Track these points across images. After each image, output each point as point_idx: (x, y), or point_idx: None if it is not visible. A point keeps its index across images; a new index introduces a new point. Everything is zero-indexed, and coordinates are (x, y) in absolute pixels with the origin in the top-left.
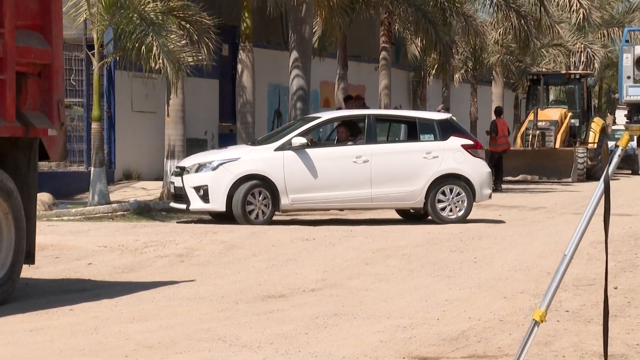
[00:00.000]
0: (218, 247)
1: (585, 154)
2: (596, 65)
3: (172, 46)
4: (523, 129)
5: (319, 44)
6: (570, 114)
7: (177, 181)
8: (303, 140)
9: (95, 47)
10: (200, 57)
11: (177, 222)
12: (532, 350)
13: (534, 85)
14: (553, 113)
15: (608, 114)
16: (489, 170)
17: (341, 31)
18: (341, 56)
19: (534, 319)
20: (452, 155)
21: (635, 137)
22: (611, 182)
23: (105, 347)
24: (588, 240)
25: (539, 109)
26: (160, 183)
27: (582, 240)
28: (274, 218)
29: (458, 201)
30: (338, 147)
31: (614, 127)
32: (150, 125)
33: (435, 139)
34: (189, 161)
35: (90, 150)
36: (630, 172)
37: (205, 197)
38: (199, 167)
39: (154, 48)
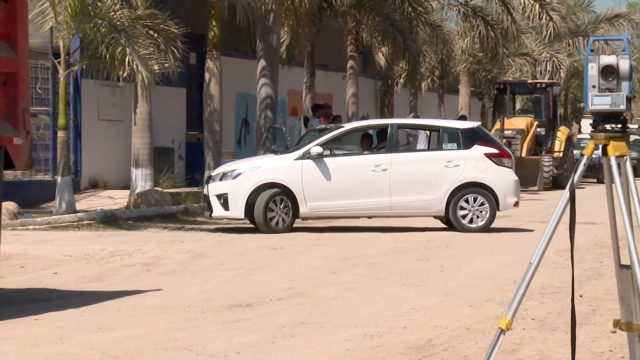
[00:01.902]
0: (185, 256)
1: (551, 163)
2: (562, 74)
3: (144, 52)
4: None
5: (287, 53)
6: (536, 122)
7: (205, 189)
8: (320, 149)
9: (62, 55)
10: (167, 66)
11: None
12: (498, 358)
13: (500, 94)
14: (519, 122)
15: (574, 123)
16: (516, 179)
17: (309, 40)
18: (309, 65)
19: (500, 327)
20: (474, 163)
21: (600, 146)
22: (577, 190)
23: (71, 357)
24: (554, 248)
25: (505, 118)
26: (126, 192)
27: (548, 249)
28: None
29: (481, 210)
30: (357, 156)
31: (579, 136)
32: (116, 133)
33: (459, 148)
34: (217, 170)
35: (56, 158)
36: (595, 180)
37: (225, 205)
38: (223, 176)
39: (127, 55)
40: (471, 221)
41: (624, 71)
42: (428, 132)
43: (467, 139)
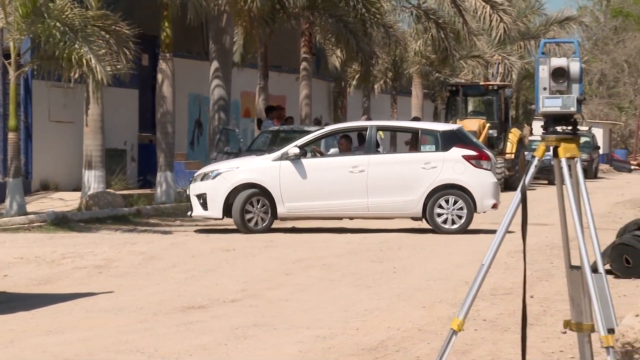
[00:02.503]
0: (137, 258)
1: (503, 165)
2: (514, 76)
3: (99, 52)
4: None
5: (240, 54)
6: (488, 124)
7: (188, 189)
8: (297, 150)
9: (12, 56)
10: (119, 67)
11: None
12: (450, 359)
13: (452, 96)
14: (471, 124)
15: (525, 125)
16: (494, 181)
17: (262, 41)
18: (262, 66)
19: (452, 328)
20: (451, 165)
21: (551, 148)
22: (528, 192)
23: None
24: (505, 249)
25: (457, 120)
26: (78, 194)
27: (499, 250)
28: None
29: (458, 212)
30: (334, 158)
31: (531, 138)
32: (68, 135)
33: (437, 150)
34: (199, 170)
35: (7, 160)
36: (546, 182)
37: (204, 205)
38: (204, 176)
39: (84, 55)
40: (447, 222)
41: (574, 73)
42: (382, 134)
43: (446, 141)
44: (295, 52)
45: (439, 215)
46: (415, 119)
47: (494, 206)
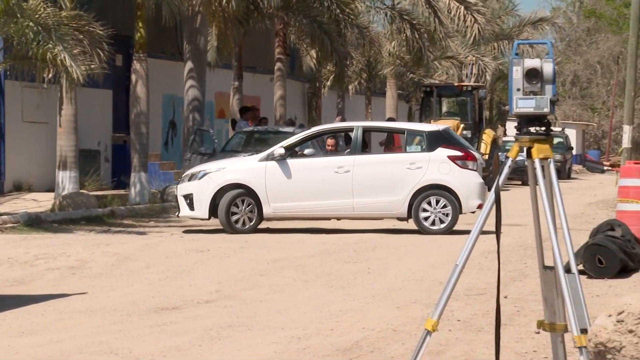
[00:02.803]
0: (111, 259)
1: None
2: (487, 77)
3: (74, 52)
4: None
5: (214, 55)
6: (462, 125)
7: (175, 190)
8: (282, 151)
9: None
10: (93, 67)
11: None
12: (424, 359)
13: (427, 97)
14: (446, 124)
15: (499, 126)
16: (480, 181)
17: (236, 42)
18: (236, 67)
19: (426, 329)
20: (437, 166)
21: (525, 149)
22: (502, 192)
23: None
24: (479, 250)
25: (432, 120)
26: (51, 194)
27: (473, 251)
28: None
29: (443, 212)
30: (320, 158)
31: (504, 139)
32: (41, 136)
33: (423, 150)
34: (188, 171)
35: None
36: (520, 183)
37: (191, 205)
38: (191, 177)
39: (58, 55)
40: (433, 223)
41: (547, 74)
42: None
43: (432, 141)
44: (269, 52)
45: (425, 215)
46: (390, 119)
47: (480, 206)
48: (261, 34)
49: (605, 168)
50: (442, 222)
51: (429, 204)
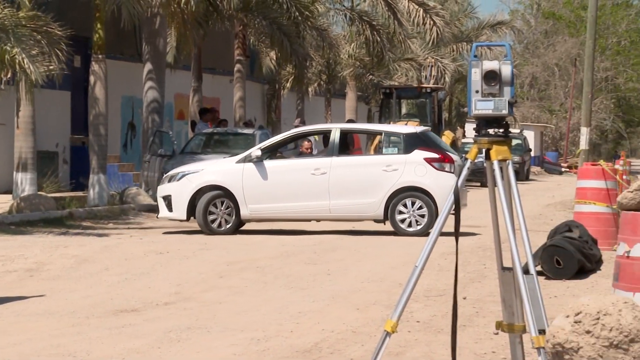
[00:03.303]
0: (69, 261)
1: None
2: (447, 79)
3: (33, 52)
4: (376, 141)
5: (174, 56)
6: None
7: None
8: (258, 152)
9: None
10: (51, 68)
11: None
12: None
13: (386, 99)
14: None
15: (458, 127)
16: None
17: (195, 43)
18: (196, 68)
19: (385, 330)
20: (413, 168)
21: (483, 150)
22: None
23: None
24: (439, 251)
25: (391, 122)
26: (9, 196)
27: (432, 252)
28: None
29: (419, 214)
30: (297, 160)
31: (463, 140)
32: None
33: (399, 152)
34: (168, 173)
35: None
36: (479, 184)
37: (169, 206)
38: (171, 178)
39: (17, 55)
40: (410, 225)
41: (506, 76)
42: (317, 137)
43: (409, 143)
44: (229, 54)
45: (401, 217)
46: (350, 121)
47: None
48: (221, 35)
49: (563, 169)
50: (418, 223)
51: (405, 205)
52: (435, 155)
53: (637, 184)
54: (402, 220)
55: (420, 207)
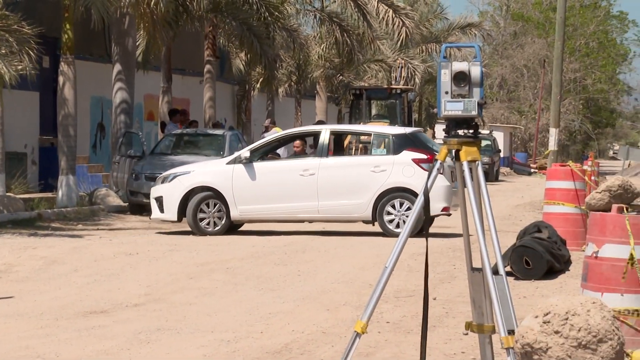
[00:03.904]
0: (38, 263)
1: None
2: (417, 80)
3: (3, 51)
4: (347, 142)
5: (143, 57)
6: None
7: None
8: (247, 154)
9: None
10: (20, 68)
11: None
12: None
13: (356, 100)
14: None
15: (428, 128)
16: (446, 184)
17: (165, 44)
18: (165, 69)
19: (355, 331)
20: (401, 169)
21: (453, 151)
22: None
23: None
24: (409, 252)
25: (361, 123)
26: None
27: (402, 253)
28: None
29: (407, 215)
30: (286, 161)
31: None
32: None
33: (388, 153)
34: (162, 174)
35: None
36: None
37: (161, 207)
38: (163, 180)
39: None
40: (398, 226)
41: (475, 77)
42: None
43: (397, 144)
44: (199, 55)
45: (389, 218)
46: (320, 122)
47: (444, 209)
48: (190, 36)
49: (532, 170)
50: (399, 226)
51: (394, 206)
52: (423, 156)
53: (605, 184)
54: (391, 221)
55: (409, 208)
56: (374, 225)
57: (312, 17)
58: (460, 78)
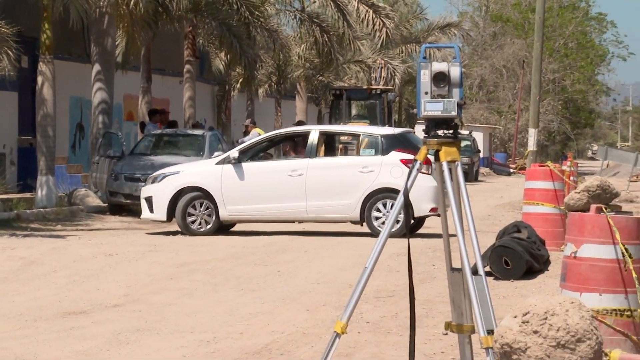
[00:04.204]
0: (17, 264)
1: None
2: (396, 80)
3: None
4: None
5: (122, 57)
6: None
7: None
8: (236, 154)
9: None
10: (0, 67)
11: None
12: None
13: (336, 100)
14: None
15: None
16: (433, 185)
17: (144, 44)
18: (145, 69)
19: (335, 331)
20: (389, 169)
21: (433, 151)
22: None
23: None
24: (389, 252)
25: (341, 123)
26: None
27: (382, 253)
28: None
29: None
30: (275, 161)
31: None
32: None
33: (377, 154)
34: (153, 174)
35: None
36: None
37: (151, 207)
38: (153, 180)
39: None
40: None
41: (455, 78)
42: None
43: (386, 145)
44: (178, 55)
45: (377, 219)
46: (300, 122)
47: (433, 210)
48: (170, 36)
49: (512, 170)
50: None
51: (382, 207)
52: (412, 157)
53: (584, 184)
54: (378, 222)
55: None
56: (362, 225)
57: (292, 18)
58: (440, 78)
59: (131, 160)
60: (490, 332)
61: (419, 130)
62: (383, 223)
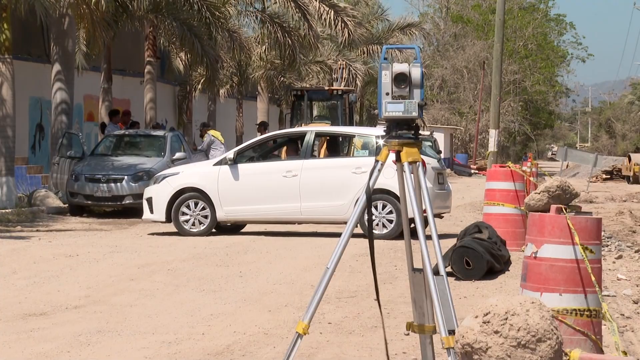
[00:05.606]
0: None
1: None
2: (358, 81)
3: None
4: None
5: (83, 58)
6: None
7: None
8: (232, 155)
9: None
10: None
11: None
12: None
13: (298, 101)
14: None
15: None
16: (427, 186)
17: (105, 45)
18: (105, 70)
19: (297, 332)
20: (382, 170)
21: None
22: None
23: None
24: (350, 253)
25: (303, 124)
26: None
27: (344, 254)
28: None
29: (388, 217)
30: (270, 162)
31: None
32: None
33: (370, 155)
34: (155, 176)
35: None
36: None
37: (151, 208)
38: (155, 181)
39: None
40: (379, 227)
41: (415, 79)
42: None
43: (380, 146)
44: (139, 55)
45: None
46: (262, 123)
47: (425, 212)
48: (131, 36)
49: (473, 171)
50: (385, 226)
51: (375, 208)
52: None
53: (544, 185)
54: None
55: (390, 211)
56: (355, 226)
57: (253, 18)
58: (401, 79)
59: (92, 161)
60: (451, 332)
61: (380, 131)
62: (377, 224)
